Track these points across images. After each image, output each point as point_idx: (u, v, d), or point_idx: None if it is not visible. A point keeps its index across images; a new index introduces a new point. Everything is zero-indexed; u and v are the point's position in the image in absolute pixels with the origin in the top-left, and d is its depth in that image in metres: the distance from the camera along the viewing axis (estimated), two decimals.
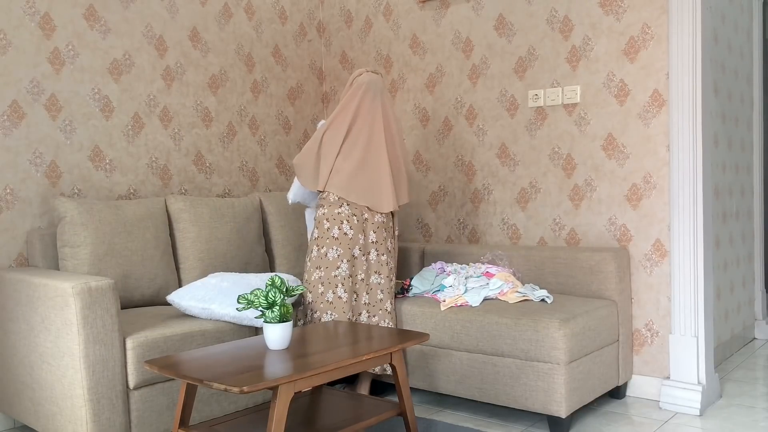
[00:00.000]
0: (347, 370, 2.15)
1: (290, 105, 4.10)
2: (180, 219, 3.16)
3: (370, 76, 3.02)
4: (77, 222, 2.78)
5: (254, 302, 2.18)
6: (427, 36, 3.81)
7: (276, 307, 2.17)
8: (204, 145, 3.64)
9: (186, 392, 2.11)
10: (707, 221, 2.97)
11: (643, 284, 3.10)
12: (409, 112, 3.91)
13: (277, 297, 2.18)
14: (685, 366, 2.97)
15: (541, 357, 2.63)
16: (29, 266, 2.90)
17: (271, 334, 2.18)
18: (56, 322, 2.32)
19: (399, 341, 2.33)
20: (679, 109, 2.95)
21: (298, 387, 1.97)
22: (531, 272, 3.22)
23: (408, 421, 2.39)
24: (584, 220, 3.28)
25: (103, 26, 3.22)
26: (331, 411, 2.36)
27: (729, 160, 3.87)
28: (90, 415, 2.25)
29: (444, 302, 2.96)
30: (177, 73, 3.52)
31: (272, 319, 2.17)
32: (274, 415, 1.91)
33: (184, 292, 2.71)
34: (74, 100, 3.12)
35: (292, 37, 4.12)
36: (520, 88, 3.47)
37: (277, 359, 2.08)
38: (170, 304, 2.81)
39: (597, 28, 3.21)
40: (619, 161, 3.17)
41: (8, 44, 2.91)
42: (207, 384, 1.84)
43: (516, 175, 3.50)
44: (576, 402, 2.66)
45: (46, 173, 3.02)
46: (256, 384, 1.81)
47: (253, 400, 2.72)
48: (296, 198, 3.11)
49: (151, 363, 2.05)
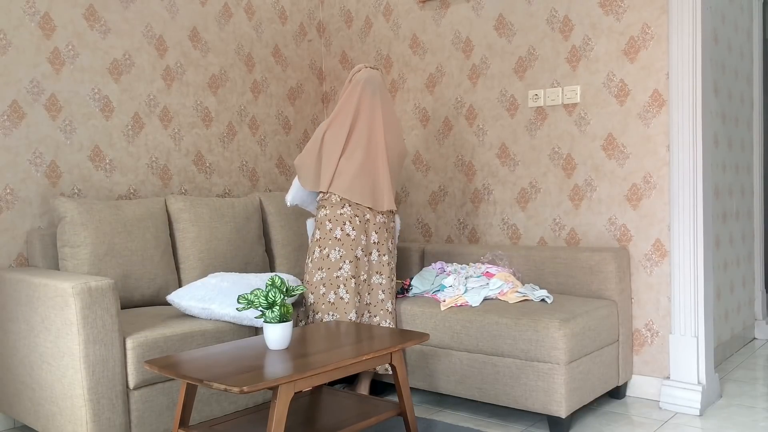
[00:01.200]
0: (347, 370, 2.15)
1: (290, 105, 4.10)
2: (180, 219, 3.16)
3: (368, 73, 3.01)
4: (77, 222, 2.78)
5: (254, 302, 2.18)
6: (427, 36, 3.81)
7: (276, 307, 2.17)
8: (204, 145, 3.64)
9: (186, 392, 2.11)
10: (707, 221, 2.97)
11: (643, 284, 3.10)
12: (409, 112, 3.91)
13: (277, 297, 2.18)
14: (685, 366, 2.97)
15: (541, 357, 2.63)
16: (29, 266, 2.90)
17: (271, 334, 2.18)
18: (56, 322, 2.32)
19: (399, 341, 2.33)
20: (679, 109, 2.95)
21: (298, 387, 1.97)
22: (531, 272, 3.22)
23: (408, 421, 2.39)
24: (584, 220, 3.28)
25: (103, 26, 3.22)
26: (331, 411, 2.36)
27: (729, 160, 3.87)
28: (90, 415, 2.25)
29: (444, 302, 2.96)
30: (177, 73, 3.52)
31: (272, 319, 2.17)
32: (274, 415, 1.91)
33: (184, 292, 2.71)
34: (74, 100, 3.12)
35: (292, 37, 4.12)
36: (520, 88, 3.47)
37: (276, 359, 2.08)
38: (170, 304, 2.81)
39: (597, 28, 3.21)
40: (619, 161, 3.17)
41: (8, 44, 2.91)
42: (207, 384, 1.84)
43: (516, 175, 3.50)
44: (576, 402, 2.66)
45: (46, 173, 3.02)
46: (256, 384, 1.81)
47: (253, 400, 2.72)
48: (295, 200, 3.10)
49: (151, 363, 2.05)
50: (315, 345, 2.27)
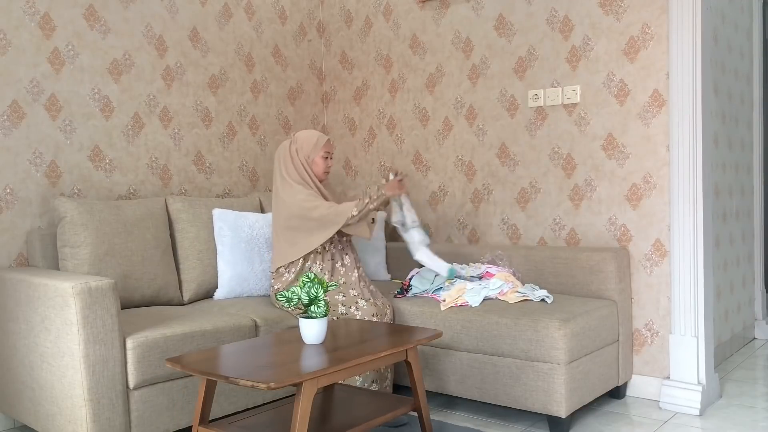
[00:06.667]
0: (365, 366, 2.18)
1: (290, 105, 4.10)
2: (179, 219, 3.16)
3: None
4: (77, 222, 2.78)
5: (292, 300, 2.24)
6: (427, 36, 3.81)
7: (321, 303, 2.22)
8: (204, 145, 3.64)
9: (206, 389, 2.12)
10: (707, 221, 2.97)
11: (643, 284, 3.10)
12: (409, 112, 3.91)
13: (319, 292, 2.22)
14: (685, 366, 2.97)
15: (541, 357, 2.63)
16: (29, 266, 2.90)
17: (308, 330, 2.23)
18: (56, 322, 2.32)
19: (414, 338, 2.37)
20: (679, 109, 2.95)
21: (321, 383, 2.01)
22: (531, 272, 3.22)
23: (423, 417, 2.40)
24: (584, 220, 3.28)
25: (103, 26, 3.22)
26: (346, 407, 2.39)
27: (729, 159, 3.87)
28: (90, 415, 2.25)
29: (444, 302, 2.96)
30: (177, 73, 3.52)
31: (318, 314, 2.22)
32: (299, 411, 1.93)
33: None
34: (74, 100, 3.12)
35: (292, 37, 4.12)
36: (520, 88, 3.47)
37: (311, 353, 2.14)
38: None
39: (597, 28, 3.21)
40: (619, 161, 3.17)
41: (8, 44, 2.91)
42: (233, 381, 1.87)
43: (516, 175, 3.50)
44: (576, 402, 2.66)
45: (46, 173, 3.02)
46: (282, 380, 1.85)
47: (262, 397, 2.72)
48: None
49: (173, 361, 2.06)
50: (335, 341, 2.31)
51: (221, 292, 3.13)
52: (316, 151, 3.07)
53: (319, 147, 3.07)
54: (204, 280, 3.14)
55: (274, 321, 2.84)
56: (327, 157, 3.09)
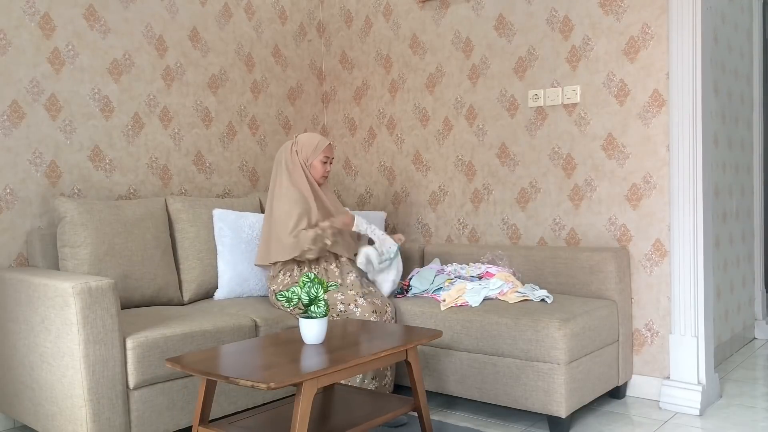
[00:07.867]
0: (365, 366, 2.18)
1: (290, 105, 4.10)
2: (179, 219, 3.16)
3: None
4: (77, 222, 2.78)
5: (292, 300, 2.24)
6: (427, 36, 3.81)
7: (321, 303, 2.22)
8: (204, 145, 3.64)
9: (206, 389, 2.12)
10: (707, 221, 2.97)
11: (643, 284, 3.10)
12: (409, 112, 3.90)
13: (319, 292, 2.22)
14: (685, 366, 2.97)
15: (541, 357, 2.63)
16: (29, 266, 2.90)
17: (308, 330, 2.22)
18: (56, 322, 2.32)
19: (414, 338, 2.37)
20: (679, 109, 2.95)
21: (321, 383, 2.01)
22: (531, 272, 3.22)
23: (423, 417, 2.40)
24: (584, 220, 3.28)
25: (103, 26, 3.22)
26: (346, 406, 2.39)
27: (729, 159, 3.87)
28: (90, 415, 2.25)
29: (444, 302, 2.96)
30: (177, 73, 3.52)
31: (318, 314, 2.22)
32: (299, 411, 1.93)
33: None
34: (74, 100, 3.12)
35: (292, 37, 4.12)
36: (520, 88, 3.47)
37: (311, 353, 2.14)
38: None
39: (597, 28, 3.21)
40: (619, 161, 3.17)
41: (8, 44, 2.91)
42: (233, 381, 1.87)
43: (516, 175, 3.50)
44: (576, 402, 2.66)
45: (46, 173, 3.02)
46: (282, 380, 1.85)
47: (262, 397, 2.72)
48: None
49: (173, 361, 2.06)
50: (334, 342, 2.31)
51: (221, 292, 3.14)
52: (316, 154, 3.10)
53: (318, 151, 3.10)
54: (204, 280, 3.15)
55: (274, 321, 2.85)
56: (326, 161, 3.14)
